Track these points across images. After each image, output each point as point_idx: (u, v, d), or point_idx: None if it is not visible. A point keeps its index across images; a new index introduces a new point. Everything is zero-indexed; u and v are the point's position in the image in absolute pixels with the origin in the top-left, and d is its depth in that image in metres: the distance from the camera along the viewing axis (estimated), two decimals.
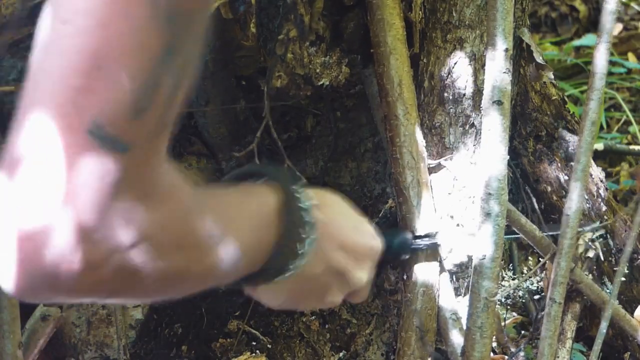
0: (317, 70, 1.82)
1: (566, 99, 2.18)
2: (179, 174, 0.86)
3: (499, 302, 1.97)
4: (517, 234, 1.83)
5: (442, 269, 1.86)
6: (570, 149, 2.08)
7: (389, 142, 1.79)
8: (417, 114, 1.79)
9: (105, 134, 0.73)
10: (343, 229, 1.13)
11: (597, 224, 2.03)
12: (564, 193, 2.08)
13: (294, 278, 1.06)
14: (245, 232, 0.99)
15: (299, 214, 1.04)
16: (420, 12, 1.83)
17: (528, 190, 2.15)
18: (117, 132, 0.74)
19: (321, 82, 1.83)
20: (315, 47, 1.82)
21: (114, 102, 0.73)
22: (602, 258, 1.99)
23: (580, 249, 1.87)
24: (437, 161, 1.85)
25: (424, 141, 1.81)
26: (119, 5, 0.72)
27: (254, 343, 1.91)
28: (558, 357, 1.78)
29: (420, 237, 1.76)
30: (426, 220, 1.76)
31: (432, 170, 1.86)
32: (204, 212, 0.90)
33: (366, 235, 1.18)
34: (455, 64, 1.84)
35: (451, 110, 1.85)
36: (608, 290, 1.94)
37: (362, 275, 1.16)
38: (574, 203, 1.77)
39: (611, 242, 2.09)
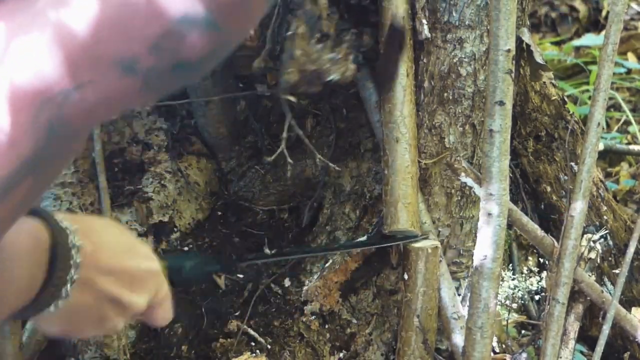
0: (326, 66, 1.82)
1: (566, 99, 2.18)
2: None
3: (499, 303, 1.97)
4: None
5: (442, 269, 1.86)
6: (569, 149, 2.08)
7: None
8: (408, 112, 1.79)
9: None
10: (112, 255, 1.11)
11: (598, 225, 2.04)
12: (564, 193, 2.08)
13: (63, 311, 1.06)
14: (21, 271, 0.99)
15: (67, 254, 1.04)
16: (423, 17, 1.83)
17: (528, 190, 2.15)
18: None
19: (331, 78, 1.82)
20: (321, 43, 1.81)
21: None
22: (602, 258, 1.99)
23: (583, 249, 1.87)
24: (433, 160, 1.85)
25: (416, 140, 1.81)
26: (7, 98, 0.70)
27: (253, 343, 1.91)
28: (560, 357, 1.78)
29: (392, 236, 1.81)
30: (396, 220, 1.78)
31: (431, 169, 1.86)
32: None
33: (139, 258, 1.16)
34: (455, 64, 1.84)
35: (451, 110, 1.85)
36: (608, 290, 1.94)
37: (139, 299, 1.14)
38: (578, 204, 1.77)
39: (611, 243, 2.09)
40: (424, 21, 1.82)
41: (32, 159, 0.73)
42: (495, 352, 1.91)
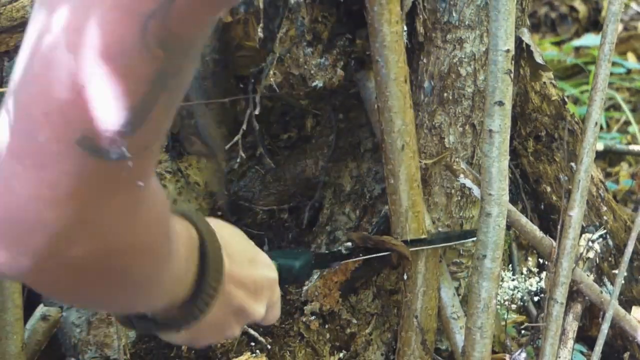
0: (312, 71, 1.82)
1: (566, 99, 2.18)
2: (159, 183, 0.85)
3: (499, 303, 1.97)
4: None
5: (442, 269, 1.87)
6: (569, 149, 2.08)
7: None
8: (410, 120, 1.79)
9: (95, 146, 0.73)
10: (243, 265, 1.11)
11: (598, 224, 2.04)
12: (564, 193, 2.08)
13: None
14: (181, 259, 0.96)
15: (218, 256, 1.02)
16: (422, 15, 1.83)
17: (528, 190, 2.15)
18: (107, 145, 0.73)
19: (315, 84, 1.83)
20: (311, 47, 1.82)
21: (102, 119, 0.72)
22: (602, 258, 1.99)
23: (581, 249, 1.87)
24: (433, 160, 1.85)
25: (415, 142, 1.82)
26: (108, 28, 0.70)
27: (253, 343, 1.91)
28: (559, 357, 1.78)
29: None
30: (407, 230, 1.79)
31: (431, 169, 1.86)
32: (168, 226, 0.89)
33: (262, 267, 1.16)
34: (455, 64, 1.84)
35: (451, 110, 1.85)
36: (608, 291, 1.94)
37: (260, 308, 1.14)
38: (576, 204, 1.78)
39: (610, 242, 2.09)
40: (419, 25, 1.81)
41: (158, 77, 0.72)
42: (495, 352, 1.91)
